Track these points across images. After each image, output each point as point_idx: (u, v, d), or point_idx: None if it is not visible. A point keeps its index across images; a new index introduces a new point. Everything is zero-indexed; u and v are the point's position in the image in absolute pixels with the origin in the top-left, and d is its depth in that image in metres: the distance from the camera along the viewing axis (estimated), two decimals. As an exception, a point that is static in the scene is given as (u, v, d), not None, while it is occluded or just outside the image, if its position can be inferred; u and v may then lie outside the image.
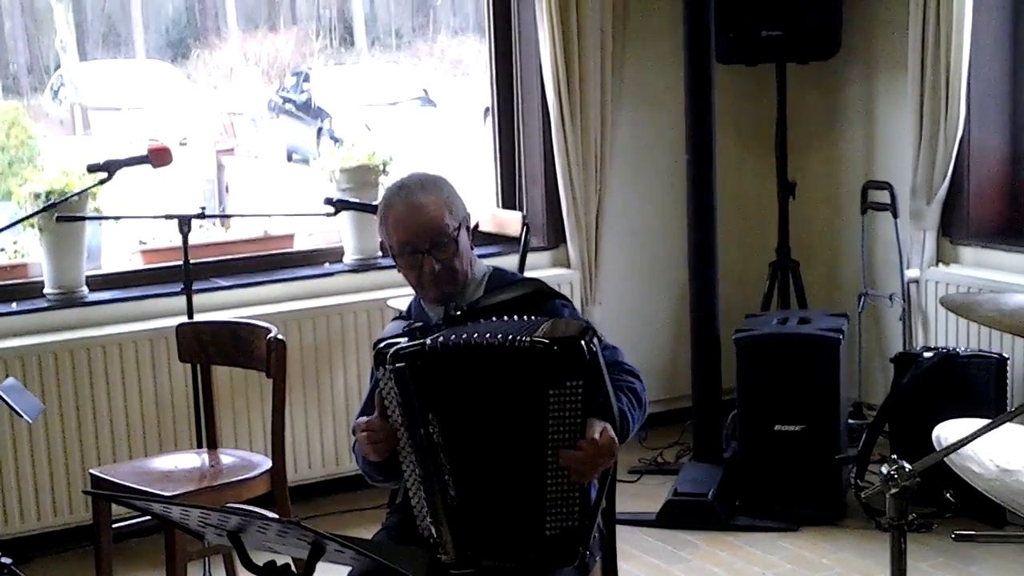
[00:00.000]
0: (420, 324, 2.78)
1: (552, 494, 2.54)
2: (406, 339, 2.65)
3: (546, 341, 2.49)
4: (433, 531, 2.64)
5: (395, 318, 3.00)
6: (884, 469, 2.44)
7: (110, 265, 5.08)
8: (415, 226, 2.80)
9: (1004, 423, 2.56)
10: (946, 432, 2.91)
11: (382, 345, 2.65)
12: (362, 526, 4.62)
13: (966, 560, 4.25)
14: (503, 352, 2.53)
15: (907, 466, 2.42)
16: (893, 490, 2.42)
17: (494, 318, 2.69)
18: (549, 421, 2.51)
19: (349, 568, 2.70)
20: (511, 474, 2.57)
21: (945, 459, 2.68)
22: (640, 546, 4.50)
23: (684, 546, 4.52)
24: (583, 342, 2.49)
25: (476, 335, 2.56)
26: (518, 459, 2.56)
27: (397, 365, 2.58)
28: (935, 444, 2.86)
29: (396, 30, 15.96)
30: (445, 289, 2.84)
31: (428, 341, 2.59)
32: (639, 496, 4.90)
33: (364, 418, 2.72)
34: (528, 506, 2.56)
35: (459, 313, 2.77)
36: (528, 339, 2.50)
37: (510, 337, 2.52)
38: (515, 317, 2.64)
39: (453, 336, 2.59)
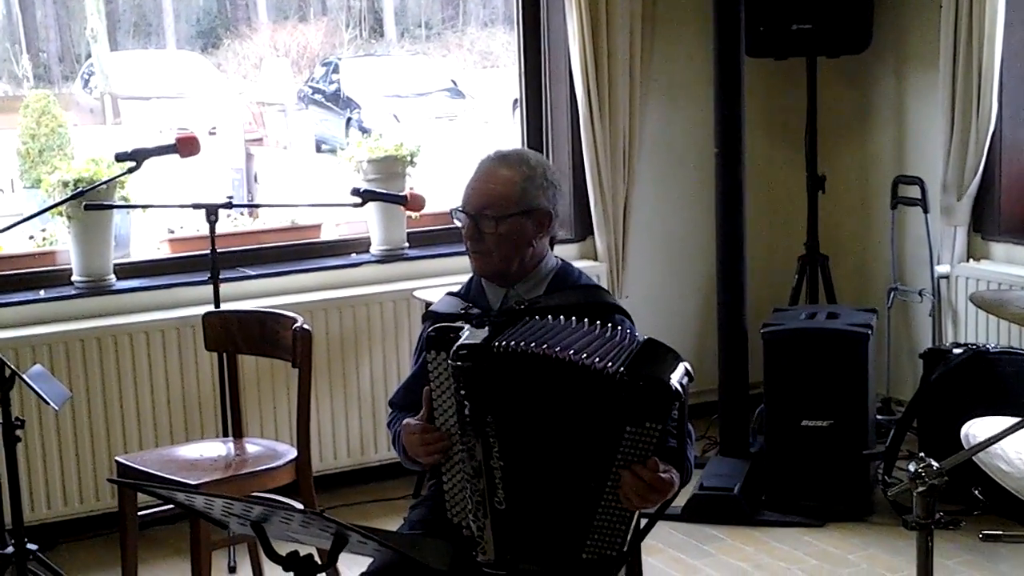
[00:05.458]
0: (477, 311, 2.72)
1: (599, 522, 2.48)
2: (462, 323, 2.56)
3: (635, 379, 2.38)
4: (474, 528, 2.57)
5: (449, 293, 2.96)
6: (912, 467, 2.42)
7: (138, 254, 5.10)
8: (474, 189, 2.82)
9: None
10: (975, 430, 2.87)
11: (438, 327, 2.56)
12: (387, 516, 4.62)
13: (994, 558, 4.22)
14: (583, 372, 2.41)
15: (935, 464, 2.40)
16: (920, 488, 2.40)
17: (550, 318, 2.58)
18: (618, 456, 2.42)
19: (371, 559, 2.69)
20: (563, 491, 2.50)
21: (974, 457, 2.66)
22: (665, 540, 4.48)
23: (709, 540, 4.51)
24: (678, 386, 2.40)
25: (547, 344, 2.44)
26: (574, 479, 2.48)
27: (462, 364, 2.46)
28: (964, 442, 2.82)
29: (425, 22, 15.97)
30: (481, 264, 2.83)
31: (496, 343, 2.46)
32: (664, 490, 4.87)
33: (417, 422, 2.63)
34: (573, 526, 2.50)
35: (520, 308, 2.68)
36: (621, 369, 2.39)
37: (596, 360, 2.40)
38: (580, 321, 2.55)
39: (523, 341, 2.47)
